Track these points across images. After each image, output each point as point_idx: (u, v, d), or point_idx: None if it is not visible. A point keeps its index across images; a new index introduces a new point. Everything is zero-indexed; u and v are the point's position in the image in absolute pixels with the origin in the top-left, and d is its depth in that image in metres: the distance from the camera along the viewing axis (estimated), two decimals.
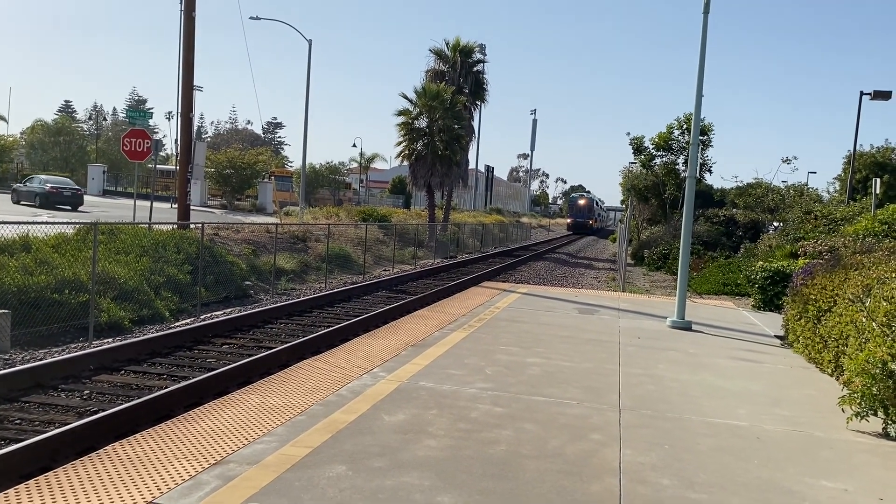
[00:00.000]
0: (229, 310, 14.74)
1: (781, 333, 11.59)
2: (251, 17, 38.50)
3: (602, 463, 5.09)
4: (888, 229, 17.98)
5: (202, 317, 13.65)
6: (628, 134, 38.50)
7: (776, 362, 9.57)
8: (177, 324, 13.01)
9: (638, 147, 38.20)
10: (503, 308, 12.92)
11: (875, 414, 6.21)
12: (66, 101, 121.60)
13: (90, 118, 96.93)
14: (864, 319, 7.20)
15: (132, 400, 7.72)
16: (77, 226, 15.04)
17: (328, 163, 75.45)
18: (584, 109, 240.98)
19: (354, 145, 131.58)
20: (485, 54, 44.93)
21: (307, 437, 5.19)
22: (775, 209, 36.77)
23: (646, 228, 42.33)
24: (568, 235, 76.94)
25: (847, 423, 6.29)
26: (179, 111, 21.42)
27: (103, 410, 7.30)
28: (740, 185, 43.13)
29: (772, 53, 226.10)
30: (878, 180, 24.97)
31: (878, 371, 6.06)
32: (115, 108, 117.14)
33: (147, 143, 21.12)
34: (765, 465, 5.29)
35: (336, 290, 18.19)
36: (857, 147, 36.46)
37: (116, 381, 8.91)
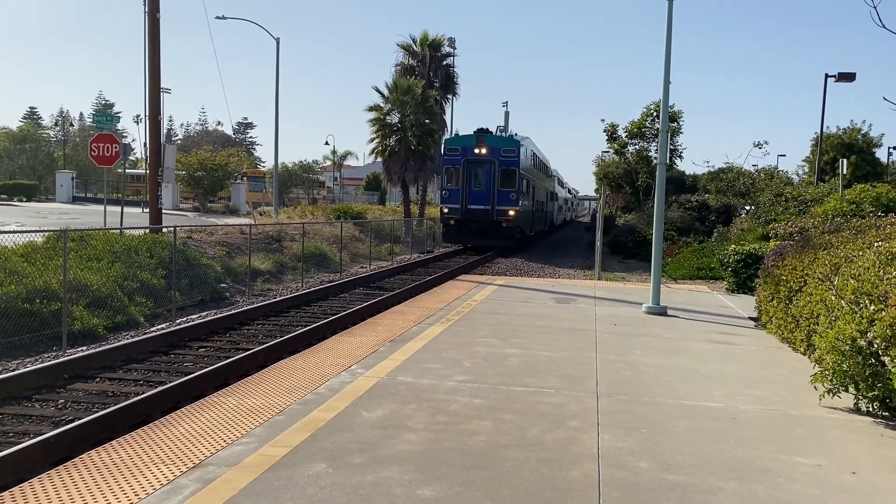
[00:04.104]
0: (205, 313, 14.61)
1: (755, 315, 11.75)
2: (217, 17, 38.07)
3: (581, 449, 5.14)
4: (856, 208, 18.31)
5: (178, 321, 13.52)
6: (603, 121, 38.83)
7: (750, 343, 9.71)
8: (152, 329, 12.86)
9: (612, 134, 38.47)
10: (480, 301, 12.96)
11: (846, 390, 6.33)
12: (31, 107, 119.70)
13: (56, 124, 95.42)
14: (833, 298, 7.32)
15: (108, 407, 7.63)
16: (46, 233, 14.80)
17: (301, 162, 75.12)
18: (557, 100, 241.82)
19: (327, 143, 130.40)
20: (454, 48, 44.88)
21: (286, 436, 5.17)
22: (747, 193, 37.26)
23: (621, 216, 42.64)
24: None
25: (820, 400, 6.41)
26: (147, 114, 21.15)
27: (79, 419, 7.21)
28: (712, 170, 43.66)
29: (739, 37, 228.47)
30: (845, 161, 25.34)
31: (847, 348, 6.17)
32: (81, 114, 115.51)
33: (115, 147, 20.86)
34: (740, 445, 5.37)
35: (313, 288, 18.10)
36: (825, 129, 37.01)
37: (92, 388, 8.79)
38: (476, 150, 31.08)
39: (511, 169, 30.79)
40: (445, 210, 31.49)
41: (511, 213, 30.64)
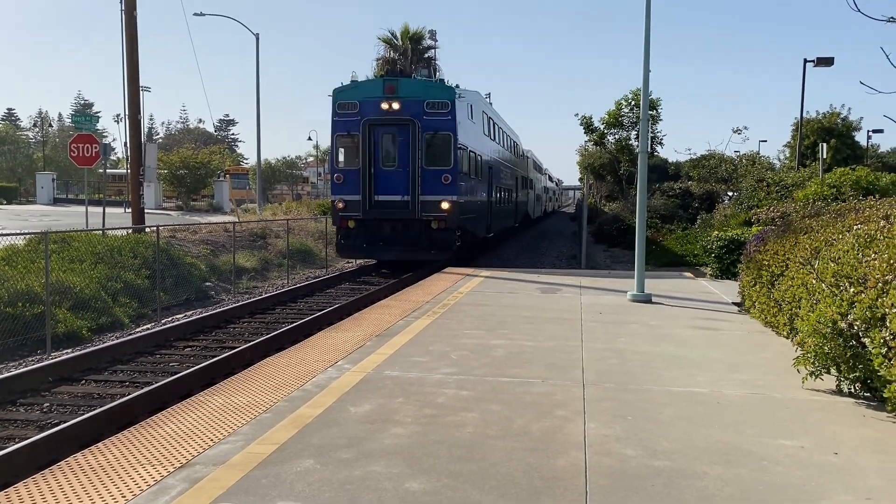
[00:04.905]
0: (190, 312, 14.55)
1: (738, 300, 11.85)
2: (196, 14, 37.89)
3: (567, 438, 5.17)
4: (836, 192, 18.50)
5: (163, 321, 13.46)
6: (577, 115, 38.71)
7: (734, 328, 9.80)
8: (137, 330, 12.80)
9: (588, 126, 38.51)
10: (466, 293, 12.98)
11: (828, 372, 6.40)
12: (8, 108, 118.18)
13: (35, 125, 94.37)
14: (814, 281, 7.40)
15: (94, 409, 7.59)
16: (28, 236, 14.68)
17: (284, 158, 74.83)
18: (542, 91, 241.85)
19: (310, 138, 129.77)
20: (435, 40, 44.80)
21: (273, 433, 5.17)
22: (729, 179, 37.56)
23: (605, 205, 42.80)
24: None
25: (803, 382, 6.48)
26: (127, 114, 20.97)
27: (64, 422, 7.17)
28: (694, 157, 43.88)
29: (717, 23, 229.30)
30: (825, 145, 25.59)
31: (828, 330, 6.24)
32: (60, 114, 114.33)
33: (95, 147, 20.69)
34: (725, 429, 5.42)
35: (299, 285, 18.06)
36: (805, 113, 37.27)
37: (77, 391, 8.75)
38: (384, 106, 19.22)
39: (444, 135, 19.45)
40: (340, 204, 19.85)
41: (445, 205, 19.34)
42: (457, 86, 21.11)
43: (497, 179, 27.28)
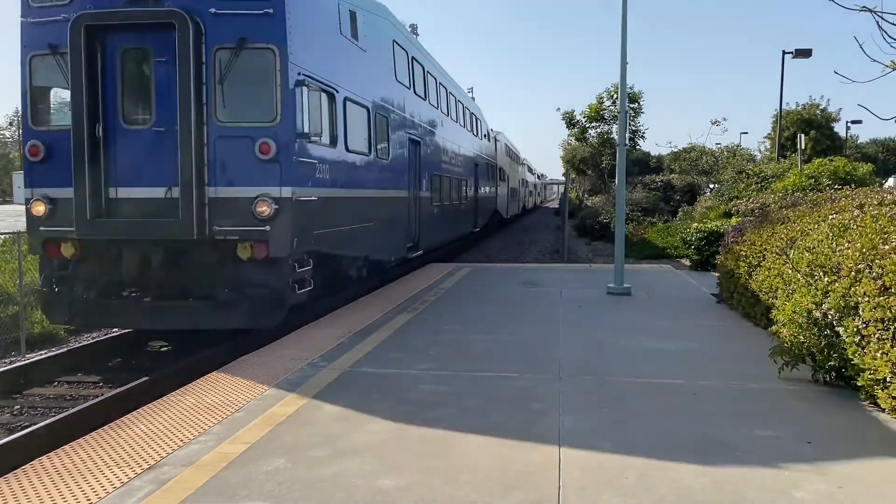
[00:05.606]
0: None
1: (716, 292, 11.87)
2: None
3: (543, 431, 5.14)
4: (814, 183, 18.62)
5: None
6: (558, 110, 38.74)
7: (712, 320, 9.81)
8: (114, 330, 12.60)
9: (570, 121, 38.54)
10: (448, 288, 12.93)
11: (804, 362, 6.42)
12: None
13: (12, 124, 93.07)
14: (789, 271, 7.41)
15: (65, 411, 7.46)
16: (1, 237, 14.46)
17: None
18: (526, 85, 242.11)
19: None
20: (417, 34, 44.55)
21: (245, 433, 5.10)
22: (710, 171, 37.72)
23: (588, 199, 42.91)
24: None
25: (779, 373, 6.48)
26: None
27: (34, 424, 7.04)
28: (675, 150, 44.09)
29: (697, 16, 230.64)
30: (804, 136, 25.79)
31: (803, 320, 6.25)
32: None
33: None
34: (701, 421, 5.41)
35: None
36: (784, 105, 37.54)
37: (49, 393, 8.61)
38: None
39: (258, 49, 8.39)
40: (38, 209, 8.81)
41: (263, 208, 8.32)
42: None
43: (432, 164, 17.55)
